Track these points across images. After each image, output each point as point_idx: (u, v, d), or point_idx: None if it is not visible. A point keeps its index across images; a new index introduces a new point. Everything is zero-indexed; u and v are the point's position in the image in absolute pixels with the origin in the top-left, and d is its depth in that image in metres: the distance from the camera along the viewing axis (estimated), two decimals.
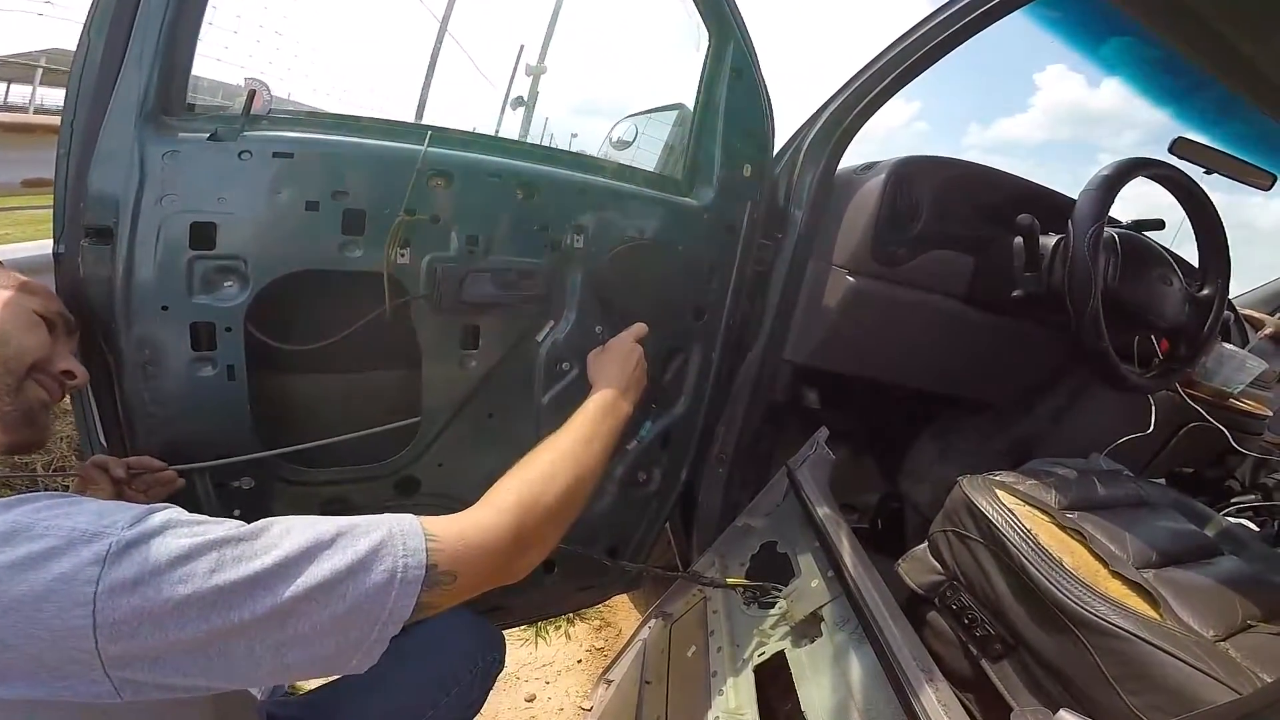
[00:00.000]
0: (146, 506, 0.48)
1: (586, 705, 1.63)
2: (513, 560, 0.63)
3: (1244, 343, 1.75)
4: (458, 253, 0.95)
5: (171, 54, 0.79)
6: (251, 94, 0.84)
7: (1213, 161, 1.35)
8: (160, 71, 0.79)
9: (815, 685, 0.95)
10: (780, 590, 1.14)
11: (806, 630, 1.05)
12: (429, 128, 0.93)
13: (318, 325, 0.94)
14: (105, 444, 0.92)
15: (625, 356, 0.97)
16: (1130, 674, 0.78)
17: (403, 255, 0.92)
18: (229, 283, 0.87)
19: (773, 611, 1.14)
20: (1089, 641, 0.82)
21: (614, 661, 1.53)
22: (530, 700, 1.67)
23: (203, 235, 0.83)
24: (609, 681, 1.51)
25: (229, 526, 0.50)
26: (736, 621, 1.19)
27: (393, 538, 0.53)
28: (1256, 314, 2.01)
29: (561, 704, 1.68)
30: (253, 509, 1.00)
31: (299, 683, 1.22)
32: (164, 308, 0.85)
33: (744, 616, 1.18)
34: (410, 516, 0.56)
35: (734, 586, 1.20)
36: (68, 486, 1.70)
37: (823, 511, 1.14)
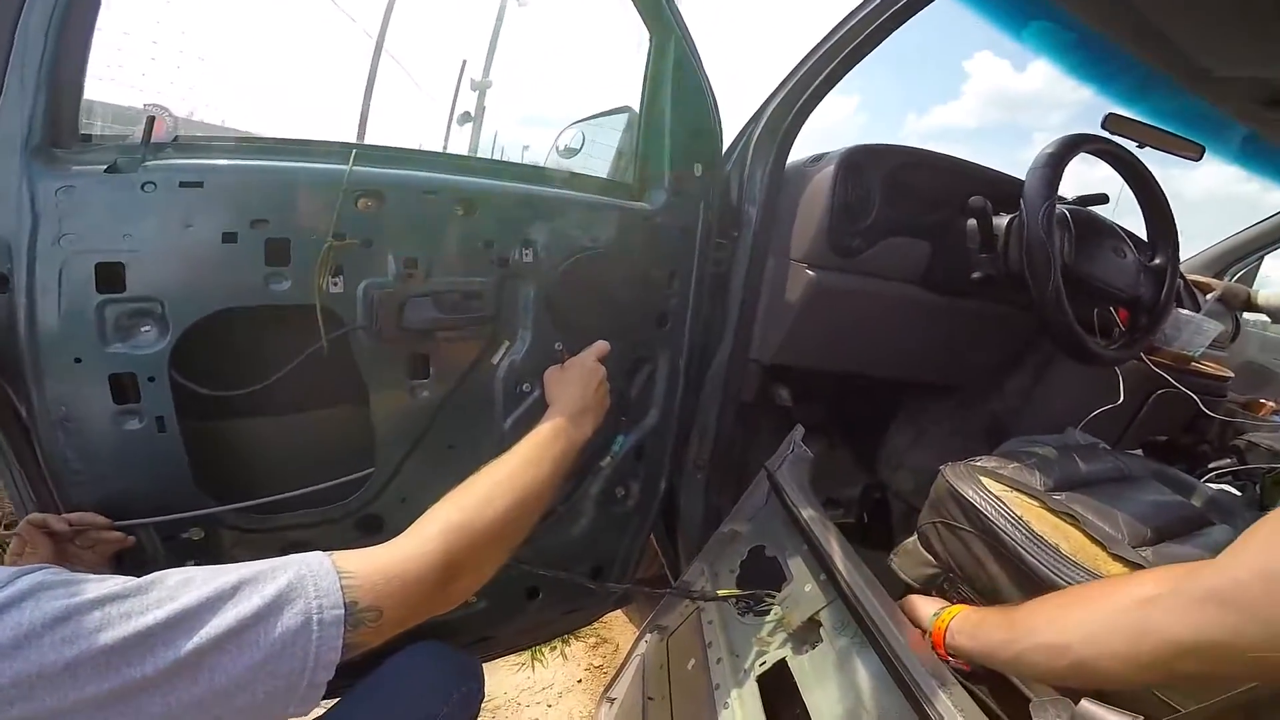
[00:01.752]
0: (16, 569, 0.43)
1: None
2: (442, 589, 0.59)
3: (1195, 308, 1.69)
4: (396, 277, 0.84)
5: (58, 78, 0.68)
6: (151, 120, 0.72)
7: (1144, 135, 1.30)
8: (47, 99, 0.67)
9: (823, 693, 0.84)
10: (774, 597, 1.03)
11: (806, 636, 0.93)
12: (354, 146, 0.83)
13: (252, 366, 0.83)
14: (36, 502, 0.80)
15: (585, 377, 0.88)
16: None
17: (335, 284, 0.81)
18: (146, 327, 0.75)
19: (769, 619, 1.02)
20: None
21: (614, 679, 1.41)
22: None
23: (110, 276, 0.72)
24: (611, 700, 1.38)
25: (113, 584, 0.44)
26: (734, 631, 1.07)
27: (302, 580, 0.49)
28: (1202, 278, 1.97)
29: None
30: (208, 559, 0.89)
31: None
32: (77, 360, 0.73)
33: (741, 626, 1.07)
34: (321, 555, 0.52)
35: (726, 598, 1.08)
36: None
37: (807, 512, 1.04)
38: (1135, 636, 0.51)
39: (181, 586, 0.46)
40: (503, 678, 1.65)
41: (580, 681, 1.68)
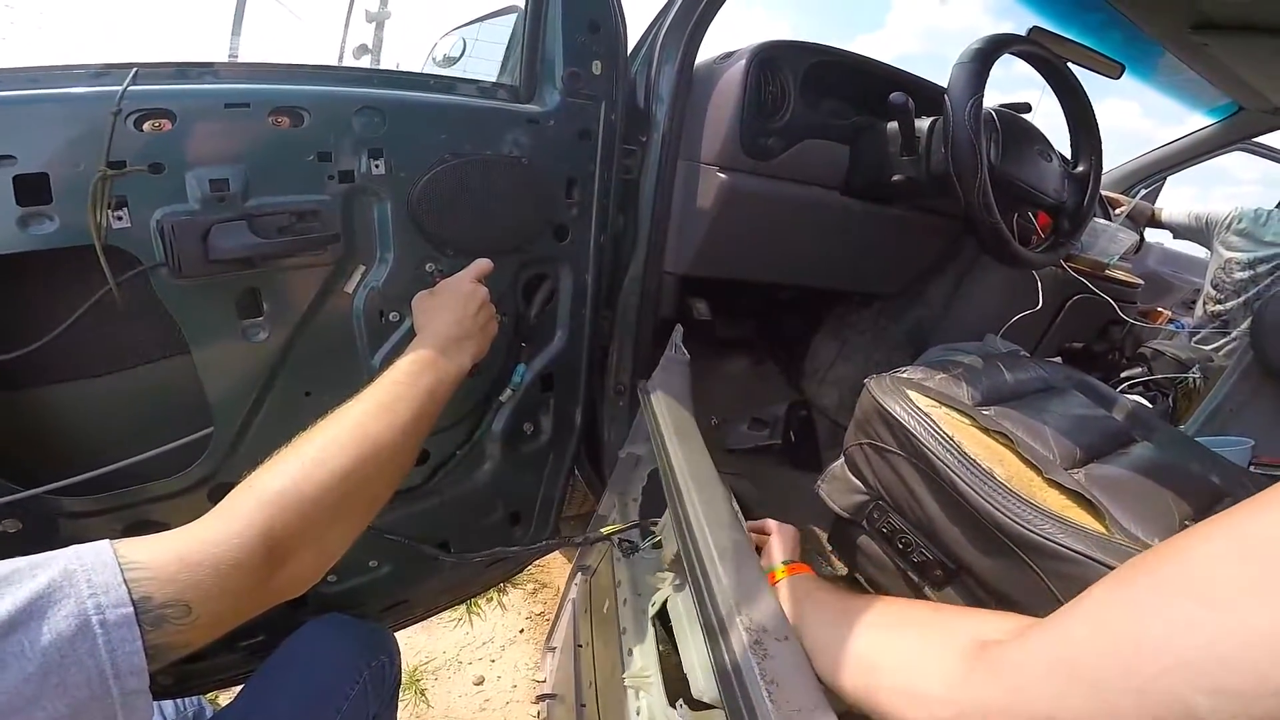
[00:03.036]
0: None
1: (539, 677, 1.41)
2: (269, 573, 0.47)
3: (1108, 220, 1.63)
4: (201, 204, 0.64)
5: None
6: None
7: (1067, 50, 1.20)
8: None
9: (692, 640, 0.72)
10: (655, 526, 0.92)
11: (680, 572, 0.80)
12: (136, 65, 0.63)
13: (31, 325, 0.64)
14: None
15: (460, 301, 0.71)
16: None
17: (119, 218, 0.62)
18: None
19: (662, 553, 0.91)
20: (1037, 564, 0.63)
21: (553, 627, 1.31)
22: (479, 683, 1.43)
23: None
24: (554, 649, 1.29)
25: None
26: (636, 567, 0.96)
27: (69, 576, 0.39)
28: (1112, 195, 1.95)
29: (513, 680, 1.44)
30: (38, 551, 0.71)
31: None
32: None
33: (643, 560, 0.96)
34: (101, 544, 0.41)
35: (608, 537, 0.96)
36: None
37: (668, 426, 0.90)
38: (956, 684, 0.40)
39: None
40: (440, 636, 1.52)
41: (522, 631, 1.56)
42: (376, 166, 0.73)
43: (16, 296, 0.64)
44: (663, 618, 0.84)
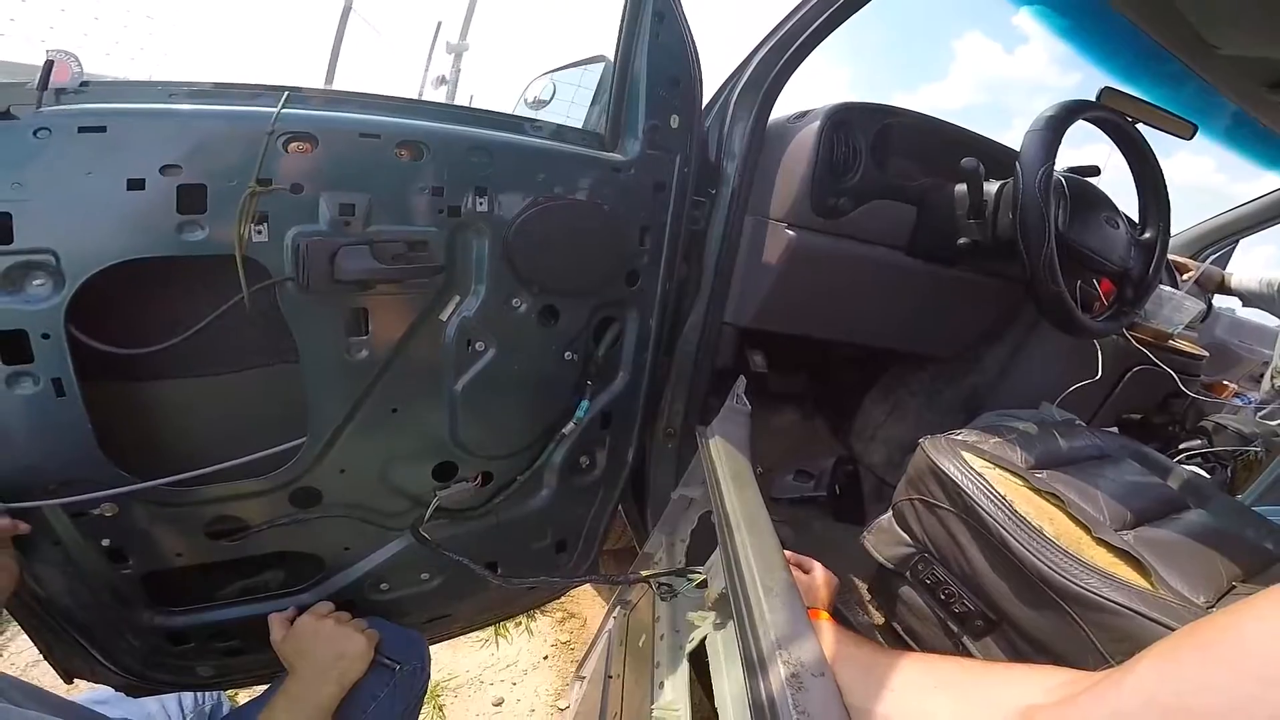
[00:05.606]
0: None
1: (562, 705, 1.46)
2: None
3: (1174, 286, 1.65)
4: (330, 225, 0.74)
5: None
6: (49, 65, 0.63)
7: (1138, 111, 1.24)
8: None
9: (728, 676, 0.75)
10: (701, 570, 0.97)
11: (723, 611, 0.85)
12: (287, 88, 0.73)
13: (167, 323, 0.74)
14: None
15: (314, 636, 0.85)
16: (1128, 650, 0.63)
17: (259, 232, 0.72)
18: (38, 280, 0.66)
19: (706, 593, 0.96)
20: (1080, 616, 0.67)
21: (586, 657, 1.35)
22: (498, 704, 1.49)
23: None
24: (582, 678, 1.33)
25: None
26: (678, 605, 1.01)
27: None
28: (1180, 259, 1.95)
29: (532, 705, 1.50)
30: (126, 536, 0.81)
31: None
32: None
33: (684, 599, 1.01)
34: None
35: (647, 579, 1.02)
36: None
37: (724, 471, 0.95)
38: None
39: None
40: (465, 654, 1.59)
41: (547, 658, 1.62)
42: (481, 204, 0.82)
43: (154, 296, 0.74)
44: (697, 656, 0.89)
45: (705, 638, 0.87)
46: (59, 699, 0.80)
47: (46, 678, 0.91)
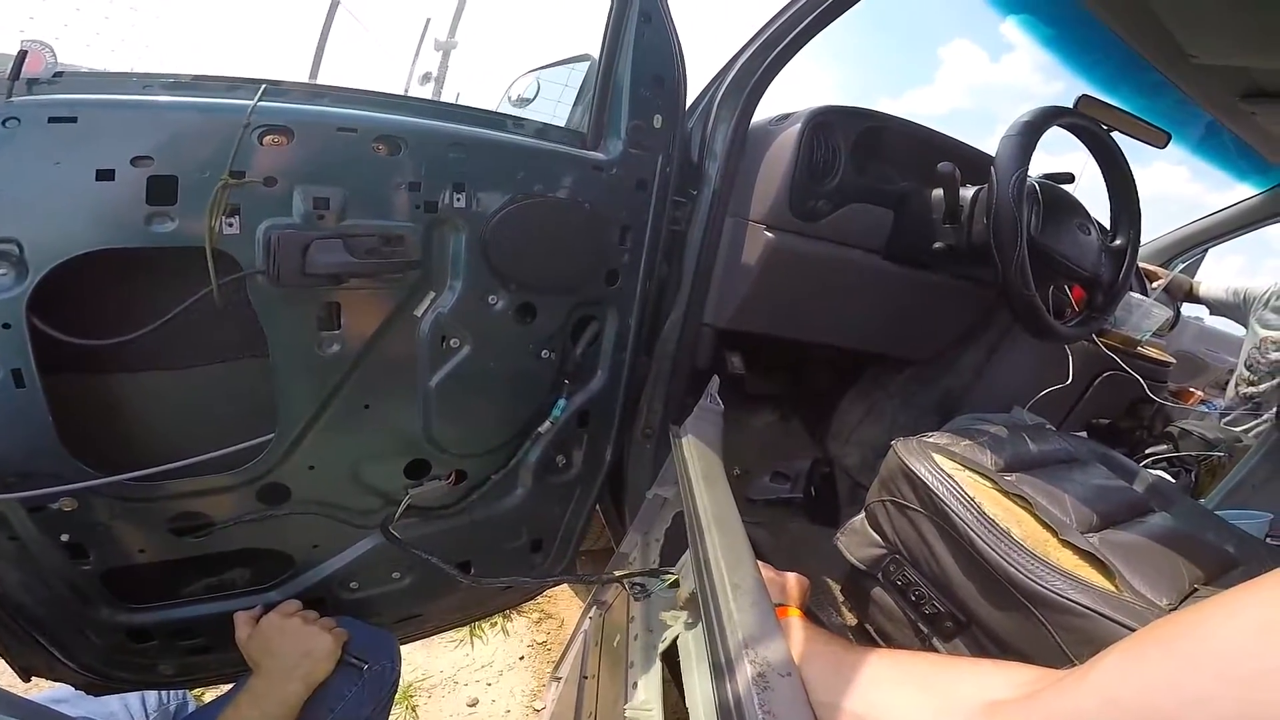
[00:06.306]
0: None
1: (539, 706, 1.46)
2: None
3: (1144, 294, 1.70)
4: (303, 219, 0.74)
5: None
6: (23, 55, 0.63)
7: (1113, 119, 1.26)
8: None
9: (698, 676, 0.73)
10: (673, 570, 0.98)
11: (694, 611, 0.87)
12: (264, 82, 0.73)
13: (134, 315, 0.73)
14: None
15: (280, 634, 0.84)
16: (1092, 651, 0.64)
17: (230, 225, 0.71)
18: (0, 270, 0.65)
19: (677, 592, 0.97)
20: (1045, 618, 0.69)
21: (562, 658, 1.35)
22: (473, 705, 1.48)
23: None
24: (559, 679, 1.33)
25: None
26: (652, 605, 1.02)
27: None
28: (1150, 266, 2.00)
29: (507, 706, 1.49)
30: (86, 532, 0.79)
31: None
32: None
33: (658, 599, 1.01)
34: None
35: (620, 579, 1.02)
36: None
37: (694, 469, 0.96)
38: None
39: None
40: (439, 655, 1.58)
41: (522, 658, 1.61)
42: (458, 200, 0.82)
43: (120, 288, 0.73)
44: (670, 655, 0.90)
45: (677, 637, 0.88)
46: (15, 697, 0.79)
47: (3, 676, 0.89)
